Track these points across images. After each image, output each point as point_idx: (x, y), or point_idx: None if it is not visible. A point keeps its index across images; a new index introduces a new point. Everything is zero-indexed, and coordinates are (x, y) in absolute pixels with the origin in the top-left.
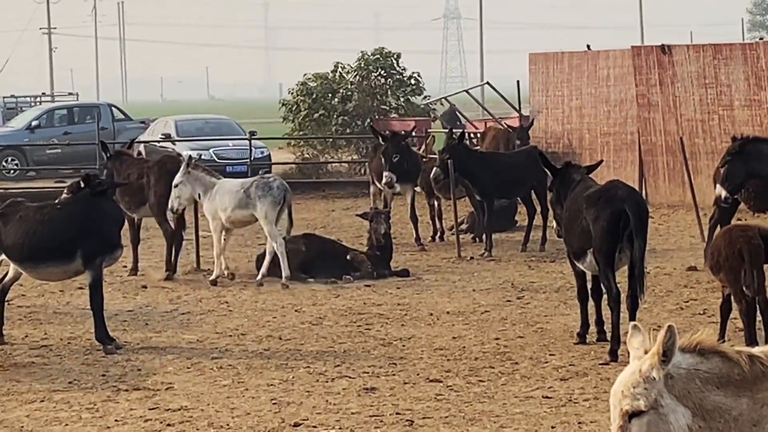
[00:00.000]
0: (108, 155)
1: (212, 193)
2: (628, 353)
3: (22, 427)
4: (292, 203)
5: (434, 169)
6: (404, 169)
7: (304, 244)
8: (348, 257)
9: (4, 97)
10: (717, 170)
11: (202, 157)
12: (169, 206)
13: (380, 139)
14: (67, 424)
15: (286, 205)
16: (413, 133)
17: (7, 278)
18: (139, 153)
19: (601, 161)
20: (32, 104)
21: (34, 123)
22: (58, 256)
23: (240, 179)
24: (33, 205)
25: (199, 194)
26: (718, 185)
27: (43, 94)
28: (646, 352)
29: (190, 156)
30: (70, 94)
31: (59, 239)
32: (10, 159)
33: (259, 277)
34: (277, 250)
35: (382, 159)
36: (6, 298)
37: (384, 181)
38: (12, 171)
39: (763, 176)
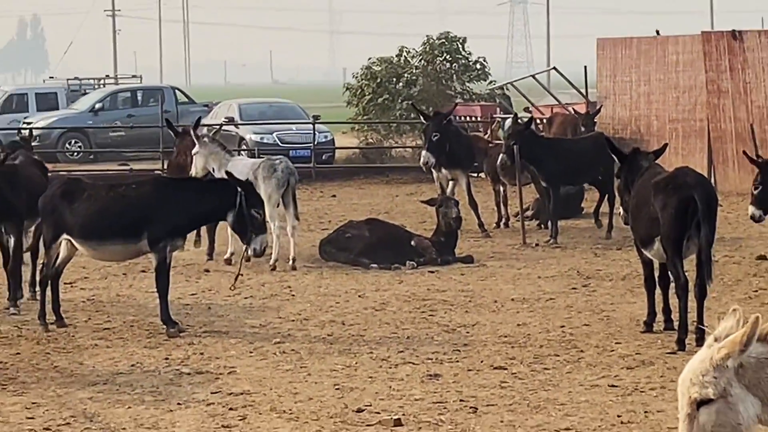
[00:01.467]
0: (175, 134)
1: (221, 168)
2: (696, 342)
3: (85, 409)
4: (294, 190)
5: (500, 155)
6: (450, 153)
7: (368, 230)
8: (412, 243)
9: (68, 80)
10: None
11: (265, 140)
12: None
13: (422, 117)
14: (129, 407)
15: (290, 189)
16: (479, 119)
17: (59, 260)
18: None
19: (666, 144)
20: (96, 87)
21: (97, 105)
22: (124, 236)
23: (251, 159)
24: (101, 183)
25: (213, 168)
26: (750, 206)
27: (106, 76)
28: (716, 341)
29: (212, 126)
30: (133, 76)
31: (129, 218)
32: (73, 141)
33: (272, 261)
34: (273, 233)
35: (423, 138)
36: (63, 281)
37: (421, 161)
38: (75, 153)
39: None
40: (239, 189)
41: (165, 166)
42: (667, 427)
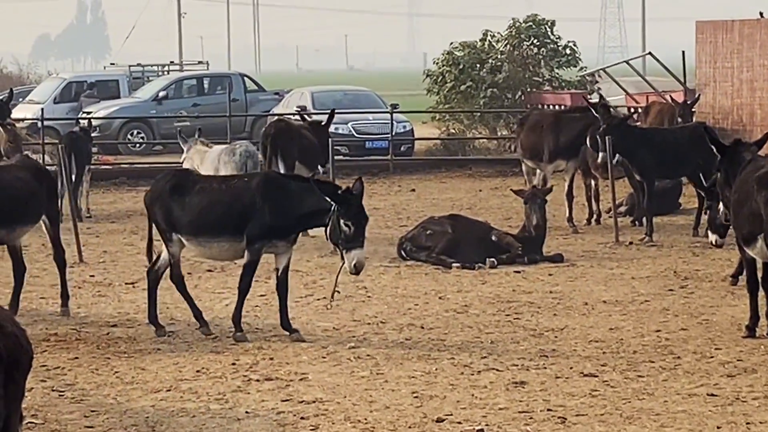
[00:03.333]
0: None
1: (202, 162)
2: None
3: (147, 417)
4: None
5: (600, 153)
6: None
7: (450, 226)
8: (493, 238)
9: (130, 66)
10: None
11: (340, 131)
12: None
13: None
14: (194, 416)
15: (244, 169)
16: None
17: (159, 263)
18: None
19: None
20: (159, 74)
21: (161, 94)
22: (232, 232)
23: (222, 146)
24: (211, 176)
25: (197, 165)
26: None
27: (171, 62)
28: None
29: (198, 129)
30: (200, 63)
31: (236, 214)
32: (135, 132)
33: None
34: None
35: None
36: (124, 281)
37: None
38: (138, 145)
39: None
40: (334, 196)
41: None
42: None
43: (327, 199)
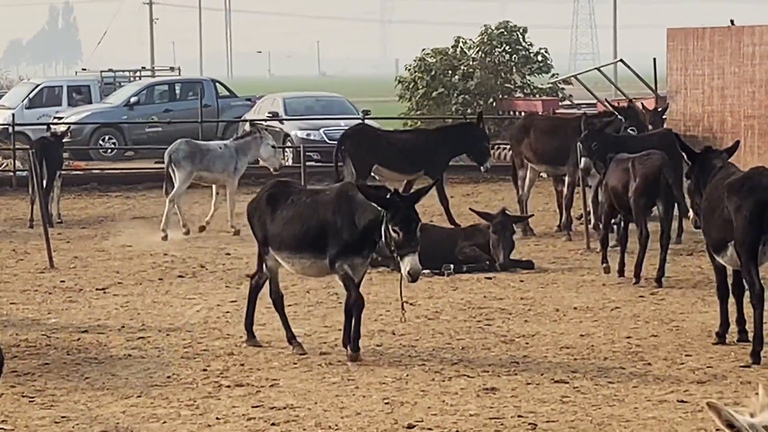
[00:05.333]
0: None
1: None
2: None
3: (118, 423)
4: (177, 167)
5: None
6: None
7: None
8: (459, 257)
9: (101, 72)
10: None
11: (312, 137)
12: None
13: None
14: (165, 422)
15: (171, 166)
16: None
17: (262, 275)
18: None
19: (738, 142)
20: (131, 79)
21: (132, 99)
22: (313, 248)
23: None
24: (307, 188)
25: None
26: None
27: (142, 68)
28: (752, 415)
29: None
30: (171, 68)
31: (315, 229)
32: (107, 137)
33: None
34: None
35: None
36: (95, 287)
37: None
38: (109, 150)
39: None
40: (381, 201)
41: None
42: None
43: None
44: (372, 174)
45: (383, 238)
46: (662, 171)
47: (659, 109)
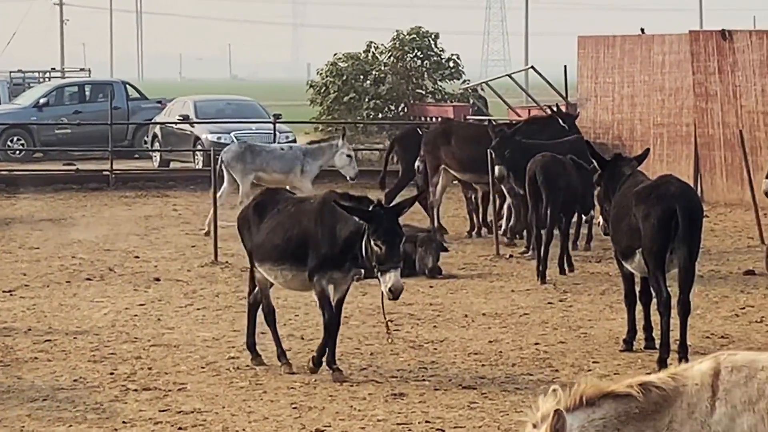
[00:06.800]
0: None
1: None
2: (678, 362)
3: (23, 427)
4: (229, 168)
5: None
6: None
7: None
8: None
9: (11, 72)
10: None
11: (222, 140)
12: None
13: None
14: (71, 425)
15: (223, 168)
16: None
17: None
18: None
19: (648, 150)
20: (41, 80)
21: (42, 100)
22: (292, 260)
23: None
24: (294, 197)
25: None
26: (765, 180)
27: (52, 69)
28: (534, 427)
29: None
30: (81, 70)
31: (294, 240)
32: (15, 139)
33: None
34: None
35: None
36: (1, 289)
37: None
38: (18, 152)
39: None
40: (361, 213)
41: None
42: None
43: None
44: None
45: (364, 252)
46: (534, 172)
47: (570, 116)
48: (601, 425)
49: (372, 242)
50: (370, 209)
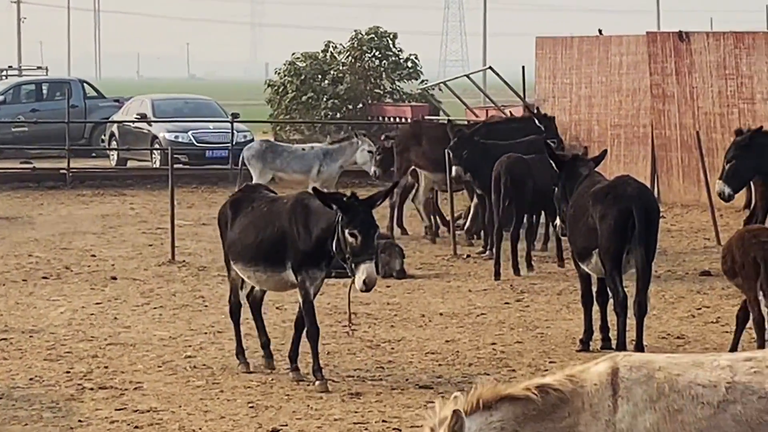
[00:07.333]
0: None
1: None
2: None
3: None
4: (249, 166)
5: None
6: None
7: None
8: None
9: None
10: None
11: (180, 139)
12: None
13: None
14: (26, 424)
15: (244, 165)
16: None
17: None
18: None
19: (605, 151)
20: None
21: None
22: (266, 261)
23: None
24: (268, 195)
25: None
26: (719, 181)
27: (9, 67)
28: (432, 430)
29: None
30: (39, 68)
31: (269, 240)
32: None
33: None
34: None
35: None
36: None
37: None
38: None
39: None
40: (337, 203)
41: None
42: None
43: (330, 208)
44: None
45: (335, 245)
46: (500, 173)
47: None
48: (499, 427)
49: (347, 233)
50: (344, 199)
